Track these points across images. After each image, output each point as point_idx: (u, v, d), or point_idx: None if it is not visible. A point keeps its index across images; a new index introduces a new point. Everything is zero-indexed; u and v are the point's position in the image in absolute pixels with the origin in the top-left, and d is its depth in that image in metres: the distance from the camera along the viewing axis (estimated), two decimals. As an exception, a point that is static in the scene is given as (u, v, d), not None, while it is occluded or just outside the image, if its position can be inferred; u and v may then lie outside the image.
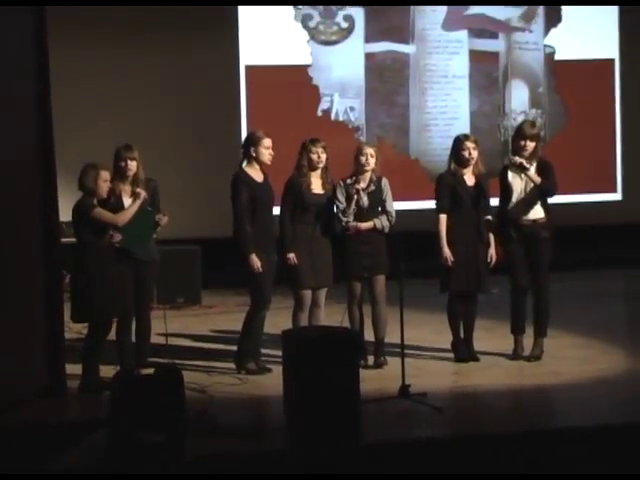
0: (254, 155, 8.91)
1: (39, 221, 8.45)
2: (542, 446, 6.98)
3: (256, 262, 8.69)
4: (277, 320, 9.00)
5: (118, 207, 8.64)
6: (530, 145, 9.13)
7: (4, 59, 7.86)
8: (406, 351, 8.38)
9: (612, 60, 14.99)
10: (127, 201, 8.72)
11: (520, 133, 9.27)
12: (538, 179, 9.07)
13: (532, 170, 9.08)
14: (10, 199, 7.80)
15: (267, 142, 8.92)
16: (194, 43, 13.71)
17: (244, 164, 8.98)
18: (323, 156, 9.00)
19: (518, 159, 9.08)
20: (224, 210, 8.96)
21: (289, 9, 14.11)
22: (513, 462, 6.65)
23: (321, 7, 14.21)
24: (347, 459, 6.72)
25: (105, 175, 8.44)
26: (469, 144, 9.22)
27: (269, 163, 8.93)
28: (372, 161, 9.08)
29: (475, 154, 9.19)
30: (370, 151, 9.16)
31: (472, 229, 9.12)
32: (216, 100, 13.87)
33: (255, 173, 8.93)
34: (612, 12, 14.91)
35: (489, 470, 6.49)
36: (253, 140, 9.03)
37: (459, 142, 9.29)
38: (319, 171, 9.04)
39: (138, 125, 12.31)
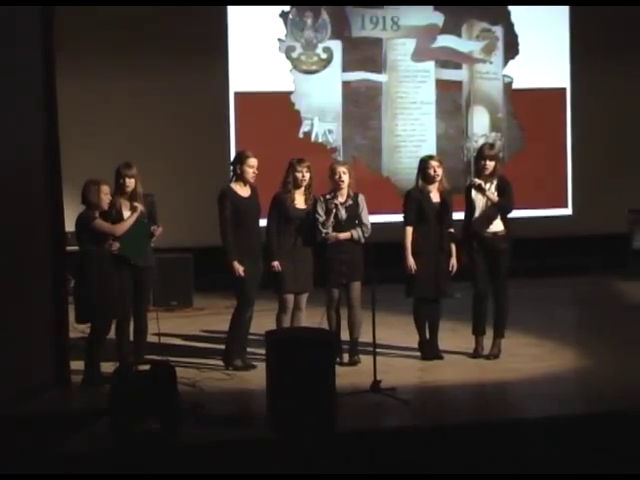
0: (240, 173, 8.94)
1: (46, 231, 8.47)
2: (499, 435, 7.01)
3: (238, 268, 8.73)
4: (262, 321, 8.99)
5: (118, 219, 8.68)
6: (490, 165, 9.17)
7: (16, 82, 7.85)
8: (377, 350, 8.37)
9: (564, 89, 15.02)
10: (126, 214, 8.75)
11: (480, 154, 9.33)
12: (496, 198, 9.12)
13: (492, 187, 9.14)
14: (22, 212, 7.82)
15: (252, 161, 8.95)
16: (189, 72, 13.71)
17: (232, 181, 9.00)
18: (307, 175, 9.04)
19: (477, 181, 9.16)
20: (214, 222, 8.96)
21: (275, 42, 14.12)
22: (472, 449, 6.68)
23: (303, 40, 14.21)
24: (323, 445, 6.73)
25: (105, 189, 8.49)
26: (433, 163, 9.27)
27: (252, 181, 8.95)
28: (345, 178, 9.10)
29: (440, 172, 9.22)
30: (342, 169, 9.20)
31: (435, 240, 9.13)
32: (208, 123, 13.89)
33: (241, 189, 8.95)
34: (564, 45, 14.95)
35: (451, 456, 6.53)
36: (240, 159, 9.08)
37: (425, 162, 9.33)
38: (302, 188, 9.06)
39: (137, 145, 12.29)
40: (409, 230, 9.15)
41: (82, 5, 12.43)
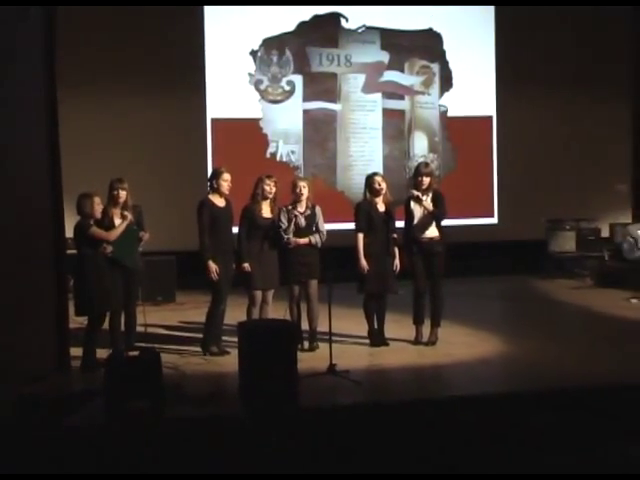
0: (216, 186, 8.94)
1: (50, 238, 8.42)
2: (437, 410, 7.03)
3: (212, 267, 8.72)
4: (235, 314, 8.96)
5: (110, 226, 8.67)
6: (426, 180, 9.23)
7: (22, 107, 7.80)
8: (333, 338, 8.36)
9: (490, 117, 15.11)
10: (117, 222, 8.76)
11: (417, 172, 9.39)
12: (432, 208, 9.18)
13: (428, 199, 9.19)
14: (29, 222, 7.81)
15: (226, 176, 8.96)
16: (173, 101, 13.72)
17: (209, 193, 8.99)
18: (273, 189, 9.05)
19: (415, 192, 9.21)
20: (193, 229, 8.94)
21: (245, 76, 14.14)
22: (414, 423, 6.69)
23: (269, 74, 14.24)
24: (287, 420, 6.73)
25: (97, 200, 8.51)
26: (378, 178, 9.32)
27: (227, 192, 8.95)
28: (305, 191, 9.12)
29: (384, 186, 9.25)
30: (302, 184, 9.24)
31: (382, 244, 9.14)
32: (189, 144, 13.87)
33: (217, 200, 8.94)
34: (491, 80, 15.04)
35: (396, 430, 6.53)
36: (216, 174, 9.09)
37: (370, 178, 9.37)
38: (269, 200, 9.07)
39: (127, 162, 12.25)
40: (360, 236, 9.15)
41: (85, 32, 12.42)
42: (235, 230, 9.08)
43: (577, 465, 5.71)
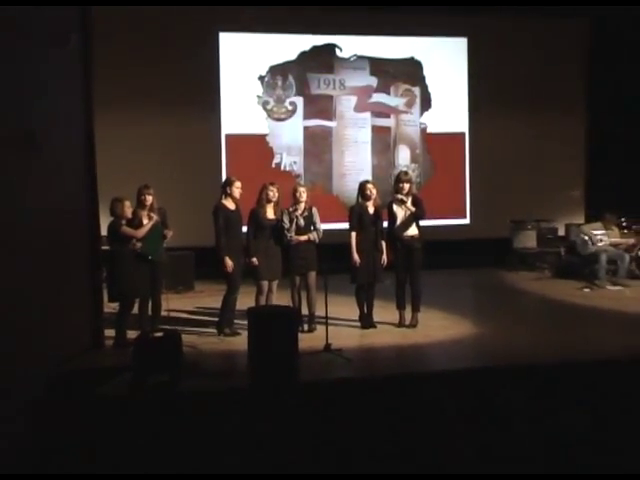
0: (229, 192, 8.95)
1: (87, 236, 8.46)
2: (417, 384, 7.02)
3: (228, 262, 8.74)
4: (245, 301, 8.94)
5: (139, 226, 8.66)
6: (406, 186, 9.24)
7: (63, 122, 7.81)
8: (329, 321, 8.41)
9: (463, 133, 15.11)
10: (145, 222, 8.75)
11: (398, 179, 9.40)
12: (413, 209, 9.18)
13: (409, 202, 9.19)
14: (70, 222, 7.82)
15: (237, 184, 9.00)
16: (193, 118, 13.70)
17: (223, 198, 8.99)
18: (276, 194, 9.06)
19: (399, 196, 9.21)
20: (209, 229, 8.94)
21: (254, 97, 14.13)
22: (398, 394, 6.69)
23: (275, 96, 14.21)
24: (288, 392, 6.73)
25: (127, 204, 8.63)
26: (369, 185, 9.32)
27: (239, 197, 8.98)
28: (304, 195, 9.13)
29: (374, 192, 9.26)
30: (302, 189, 9.24)
31: (372, 242, 9.15)
32: (206, 155, 13.86)
33: (229, 204, 8.95)
34: (464, 102, 15.04)
35: (382, 400, 6.54)
36: (228, 182, 9.12)
37: (363, 185, 9.37)
38: (272, 203, 9.07)
39: (154, 170, 12.23)
40: (353, 234, 9.15)
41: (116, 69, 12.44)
42: (244, 230, 9.10)
43: (532, 430, 5.72)
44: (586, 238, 12.29)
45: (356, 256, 9.10)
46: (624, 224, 12.92)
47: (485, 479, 4.34)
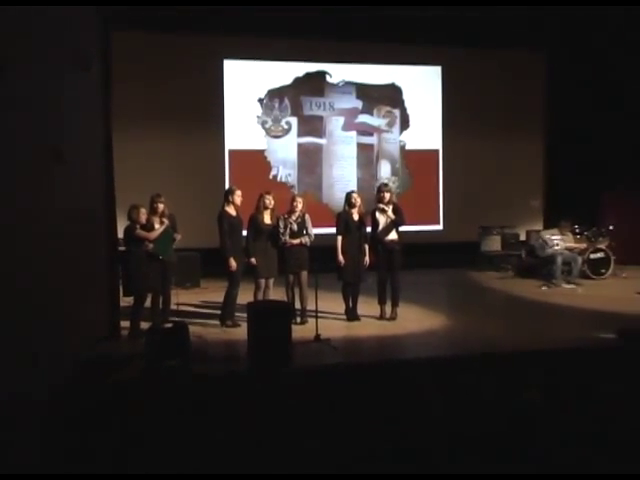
0: (231, 200, 8.96)
1: (106, 238, 8.44)
2: (396, 369, 7.05)
3: (232, 263, 8.76)
4: (245, 296, 8.94)
5: (151, 229, 8.65)
6: (387, 195, 9.27)
7: (86, 138, 7.82)
8: (319, 315, 8.43)
9: (437, 150, 15.16)
10: (157, 226, 8.74)
11: (379, 189, 9.44)
12: (393, 216, 9.20)
13: (389, 211, 9.20)
14: (91, 227, 7.81)
15: (238, 192, 9.02)
16: (200, 136, 13.76)
17: (225, 205, 8.99)
18: (272, 201, 9.09)
19: (381, 205, 9.23)
20: (213, 232, 8.94)
21: (254, 117, 14.15)
22: (379, 379, 6.70)
23: (272, 116, 14.23)
24: (283, 376, 6.74)
25: (143, 210, 8.61)
26: (354, 195, 9.36)
27: (239, 204, 8.98)
28: (300, 205, 9.14)
29: (359, 201, 9.29)
30: (299, 199, 9.25)
31: (356, 245, 9.16)
32: (212, 167, 13.87)
33: (231, 210, 8.96)
34: (438, 122, 15.09)
35: (366, 385, 6.55)
36: (230, 191, 9.14)
37: (349, 194, 9.39)
38: (269, 210, 9.08)
39: (165, 181, 12.19)
40: (339, 238, 9.17)
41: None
42: (244, 233, 9.10)
43: (498, 409, 5.73)
44: (544, 242, 12.34)
45: (341, 257, 9.11)
46: (577, 230, 12.96)
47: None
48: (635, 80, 13.75)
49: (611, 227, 12.99)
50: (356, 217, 9.25)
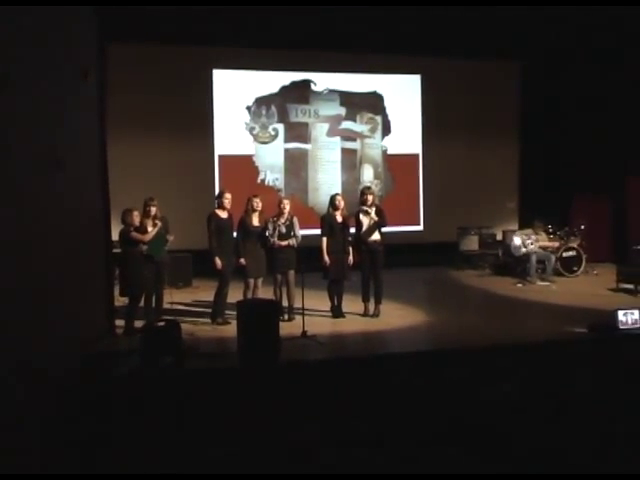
0: (220, 203, 9.01)
1: (101, 240, 8.47)
2: (380, 363, 7.09)
3: (218, 263, 8.80)
4: (235, 295, 8.94)
5: (145, 232, 8.64)
6: (370, 197, 9.29)
7: (83, 145, 7.82)
8: (305, 312, 8.47)
9: (418, 154, 15.21)
10: (150, 228, 8.73)
11: (363, 192, 9.46)
12: (376, 218, 9.22)
13: (372, 212, 9.24)
14: (86, 230, 7.81)
15: (228, 195, 9.03)
16: (190, 141, 13.73)
17: (216, 208, 9.03)
18: (260, 204, 9.11)
19: (365, 207, 9.25)
20: (205, 233, 8.97)
21: (243, 124, 14.15)
22: (363, 373, 6.75)
23: (260, 123, 14.23)
24: (271, 371, 6.77)
25: (136, 213, 8.61)
26: (338, 197, 9.39)
27: (229, 207, 9.01)
28: (287, 207, 9.17)
29: (342, 203, 9.32)
30: (286, 202, 9.27)
31: (340, 245, 9.17)
32: (202, 172, 13.84)
33: (221, 213, 8.99)
34: (418, 128, 15.14)
35: (351, 378, 6.59)
36: (220, 194, 9.18)
37: (333, 197, 9.42)
38: (257, 213, 9.11)
39: (158, 185, 12.14)
40: (324, 239, 9.19)
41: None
42: (234, 235, 9.13)
43: (475, 398, 5.80)
44: (519, 242, 12.42)
45: (326, 257, 9.13)
46: (551, 230, 13.04)
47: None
48: (603, 89, 13.88)
49: (582, 227, 13.09)
50: (340, 219, 9.28)
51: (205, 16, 12.53)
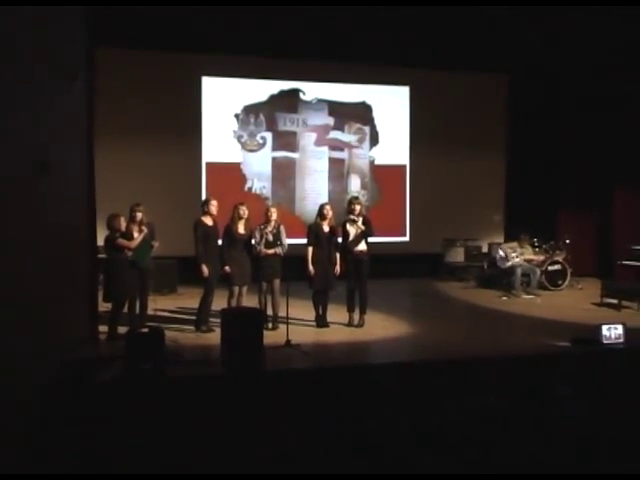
0: (206, 210, 8.99)
1: (86, 246, 8.43)
2: (364, 373, 7.09)
3: (205, 270, 8.77)
4: (219, 302, 8.94)
5: (130, 238, 8.63)
6: (357, 207, 9.30)
7: (69, 150, 7.80)
8: (289, 321, 8.46)
9: (405, 165, 15.25)
10: (136, 234, 8.71)
11: (350, 202, 9.49)
12: (363, 228, 9.25)
13: (359, 222, 9.26)
14: (72, 235, 7.77)
15: (213, 202, 9.05)
16: (178, 149, 13.71)
17: (202, 215, 9.03)
18: (246, 212, 9.12)
19: (352, 217, 9.28)
20: (190, 240, 8.96)
21: (231, 132, 14.16)
22: (346, 381, 6.75)
23: (248, 131, 14.25)
24: (254, 379, 6.76)
25: (121, 219, 8.61)
26: (327, 207, 9.43)
27: (215, 214, 9.00)
28: (274, 215, 9.19)
29: (330, 213, 9.34)
30: (273, 210, 9.30)
31: (326, 255, 9.19)
32: (190, 179, 13.82)
33: (207, 220, 8.98)
34: (405, 140, 15.20)
35: (333, 387, 6.60)
36: (206, 201, 9.20)
37: (322, 207, 9.45)
38: (244, 220, 9.11)
39: (144, 191, 12.11)
40: (310, 249, 9.20)
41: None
42: (220, 242, 9.13)
43: (459, 409, 5.82)
44: (504, 255, 12.49)
45: (311, 267, 9.14)
46: (536, 244, 13.13)
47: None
48: (591, 105, 14.01)
49: (568, 241, 13.17)
50: (326, 229, 9.29)
51: (196, 23, 12.57)
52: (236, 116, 14.24)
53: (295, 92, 14.56)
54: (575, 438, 5.22)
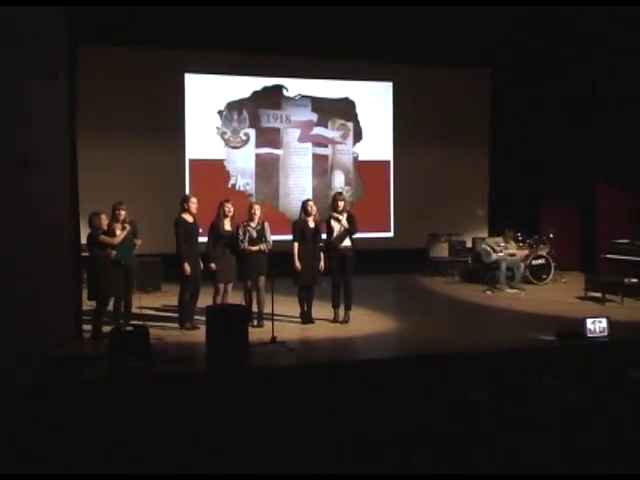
0: (186, 207, 8.99)
1: (70, 243, 8.42)
2: (349, 369, 7.09)
3: (187, 268, 8.75)
4: (204, 300, 8.95)
5: (113, 235, 8.60)
6: (341, 204, 9.31)
7: (52, 149, 7.76)
8: (275, 317, 8.44)
9: (389, 161, 15.27)
10: (118, 232, 8.69)
11: (335, 198, 9.50)
12: (346, 224, 9.26)
13: (343, 219, 9.27)
14: (56, 233, 7.76)
15: (193, 199, 9.07)
16: (161, 145, 13.66)
17: (182, 212, 9.01)
18: (232, 209, 9.12)
19: (335, 214, 9.29)
20: (172, 239, 8.93)
21: (214, 128, 14.12)
22: (332, 378, 6.75)
23: (231, 128, 14.23)
24: (240, 376, 6.76)
25: (104, 217, 8.63)
26: (310, 203, 9.42)
27: (195, 211, 9.00)
28: (258, 212, 9.18)
29: (314, 209, 9.34)
30: (257, 207, 9.29)
31: (311, 251, 9.21)
32: (173, 176, 13.77)
33: (188, 217, 8.97)
34: (389, 135, 15.22)
35: (319, 383, 6.59)
36: (185, 199, 9.18)
37: (305, 203, 9.45)
38: (229, 218, 9.10)
39: (127, 189, 12.07)
40: (295, 245, 9.20)
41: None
42: (201, 239, 9.11)
43: (445, 405, 5.83)
44: (489, 249, 12.54)
45: (297, 263, 9.15)
46: (520, 238, 13.19)
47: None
48: (574, 100, 14.09)
49: (551, 235, 13.25)
50: (312, 225, 9.30)
51: (178, 20, 12.52)
52: (219, 113, 14.21)
53: (278, 88, 14.54)
54: (561, 431, 5.25)
